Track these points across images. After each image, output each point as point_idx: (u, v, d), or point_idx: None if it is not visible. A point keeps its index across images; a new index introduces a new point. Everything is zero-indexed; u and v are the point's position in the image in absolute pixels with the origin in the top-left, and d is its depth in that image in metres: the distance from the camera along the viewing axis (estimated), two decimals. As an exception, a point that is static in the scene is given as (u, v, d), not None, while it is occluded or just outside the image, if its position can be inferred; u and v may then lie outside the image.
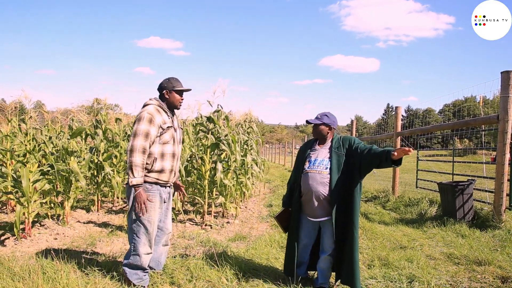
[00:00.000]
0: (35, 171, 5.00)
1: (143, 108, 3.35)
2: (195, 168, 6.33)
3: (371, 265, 4.17)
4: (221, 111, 6.30)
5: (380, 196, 8.79)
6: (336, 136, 3.44)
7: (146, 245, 3.33)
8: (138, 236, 3.29)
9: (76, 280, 3.29)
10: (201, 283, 3.43)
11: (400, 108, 9.24)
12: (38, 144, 5.50)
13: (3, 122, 6.44)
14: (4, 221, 5.92)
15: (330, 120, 3.43)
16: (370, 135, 20.08)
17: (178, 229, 5.80)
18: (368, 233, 5.56)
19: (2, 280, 3.16)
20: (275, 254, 4.37)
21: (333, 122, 3.44)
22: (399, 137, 8.92)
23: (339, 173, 3.26)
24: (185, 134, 6.81)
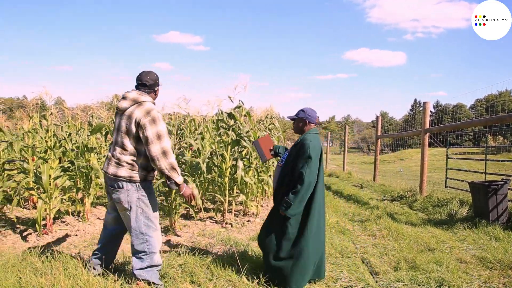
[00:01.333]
0: (55, 167, 5.05)
1: (143, 108, 3.14)
2: (216, 165, 6.26)
3: (397, 267, 4.01)
4: (242, 107, 6.20)
5: (406, 196, 8.51)
6: (307, 133, 3.49)
7: (159, 241, 3.33)
8: (150, 235, 3.24)
9: (97, 277, 3.29)
10: (221, 282, 3.37)
11: (428, 103, 8.91)
12: (58, 140, 5.56)
13: (25, 119, 6.56)
14: (27, 217, 6.02)
15: (305, 114, 3.52)
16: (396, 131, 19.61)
17: (198, 227, 5.75)
18: (394, 234, 5.36)
19: (25, 275, 3.19)
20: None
21: (308, 117, 3.51)
22: (427, 134, 8.61)
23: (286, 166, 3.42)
24: (205, 130, 6.75)
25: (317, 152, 3.32)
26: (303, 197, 3.25)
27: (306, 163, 3.24)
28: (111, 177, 3.17)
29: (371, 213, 6.93)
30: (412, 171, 17.24)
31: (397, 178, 12.72)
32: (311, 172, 3.24)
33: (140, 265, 3.24)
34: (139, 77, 3.30)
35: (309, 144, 3.29)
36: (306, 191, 3.25)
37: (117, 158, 3.17)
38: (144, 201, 3.21)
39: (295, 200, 3.22)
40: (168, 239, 5.12)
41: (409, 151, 30.24)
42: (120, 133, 3.19)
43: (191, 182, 5.26)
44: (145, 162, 3.20)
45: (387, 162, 27.85)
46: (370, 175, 12.94)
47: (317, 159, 3.31)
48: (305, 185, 3.22)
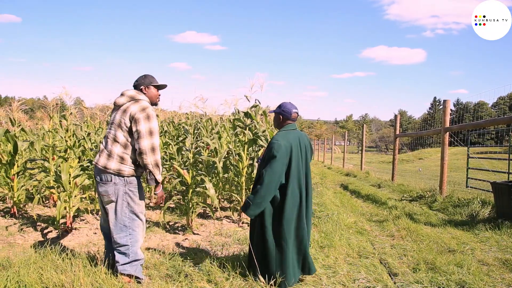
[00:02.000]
0: (75, 166, 5.15)
1: (139, 104, 3.26)
2: (232, 165, 6.27)
3: (416, 269, 3.93)
4: (258, 106, 6.18)
5: (426, 196, 8.35)
6: (280, 131, 3.45)
7: (142, 236, 3.41)
8: (134, 230, 3.32)
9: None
10: (238, 282, 3.36)
11: (448, 101, 8.72)
12: (78, 140, 5.66)
13: (46, 119, 6.69)
14: (47, 215, 6.16)
15: (280, 110, 3.47)
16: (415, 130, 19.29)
17: (215, 227, 5.77)
18: (413, 234, 5.27)
19: (47, 272, 3.25)
20: (314, 254, 4.22)
21: (283, 111, 3.45)
22: (447, 132, 8.43)
23: (260, 164, 3.40)
24: (221, 130, 6.76)
25: (284, 151, 3.19)
26: (264, 197, 3.16)
27: (269, 162, 3.17)
28: (101, 168, 3.25)
29: (389, 213, 6.83)
30: (432, 171, 16.92)
31: (416, 178, 12.51)
32: (273, 172, 3.14)
33: (124, 260, 3.29)
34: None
35: (274, 143, 3.22)
36: (266, 191, 3.15)
37: (109, 150, 3.26)
38: (130, 196, 3.28)
39: (254, 200, 3.18)
40: (185, 238, 5.15)
41: (428, 150, 29.69)
42: (114, 125, 3.30)
43: (208, 181, 5.28)
44: (135, 156, 3.27)
45: (406, 161, 27.41)
46: (388, 175, 12.76)
47: (282, 158, 3.18)
48: (264, 185, 3.14)
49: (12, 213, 6.05)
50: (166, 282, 3.36)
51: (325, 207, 7.11)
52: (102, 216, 3.53)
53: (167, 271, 3.61)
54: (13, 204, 6.06)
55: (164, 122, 8.27)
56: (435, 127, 12.66)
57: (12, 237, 5.03)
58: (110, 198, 3.25)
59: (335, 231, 5.22)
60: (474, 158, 10.10)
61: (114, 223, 3.28)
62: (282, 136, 3.31)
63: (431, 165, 21.93)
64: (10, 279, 3.10)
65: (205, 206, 5.72)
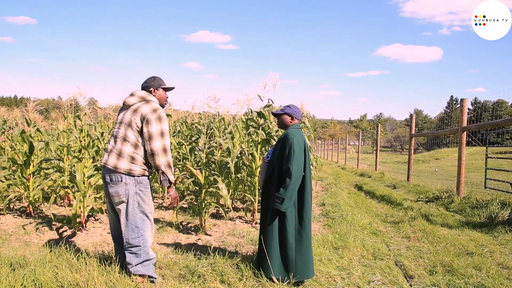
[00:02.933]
0: (89, 166, 5.19)
1: (151, 105, 3.28)
2: (245, 165, 6.25)
3: (433, 271, 3.86)
4: (271, 106, 6.15)
5: (442, 197, 8.19)
6: (290, 128, 3.60)
7: (151, 236, 3.42)
8: (145, 230, 3.32)
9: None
10: (251, 282, 3.35)
11: (466, 100, 8.54)
12: (92, 140, 5.70)
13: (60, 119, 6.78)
14: (62, 214, 6.23)
15: (292, 110, 3.64)
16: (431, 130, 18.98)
17: (228, 227, 5.76)
18: (429, 236, 5.17)
19: (62, 271, 3.28)
20: (328, 255, 4.18)
21: (294, 112, 3.64)
22: (465, 132, 8.25)
23: (272, 161, 3.52)
24: (234, 129, 6.75)
25: (301, 146, 3.41)
26: (293, 190, 3.35)
27: (292, 157, 3.34)
28: (111, 169, 3.25)
29: (405, 214, 6.72)
30: (449, 171, 16.63)
31: (432, 178, 12.30)
32: (297, 165, 3.34)
33: (136, 260, 3.29)
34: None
35: (293, 139, 3.40)
36: (294, 184, 3.34)
37: (119, 149, 3.26)
38: (141, 196, 3.28)
39: (286, 194, 3.31)
40: (198, 238, 5.15)
41: (445, 150, 29.23)
42: (123, 125, 3.30)
43: (221, 181, 5.27)
44: (146, 156, 3.28)
45: (422, 161, 27.02)
46: (404, 175, 12.58)
47: (301, 152, 3.40)
48: (293, 179, 3.32)
49: (28, 212, 6.14)
50: (180, 282, 3.36)
51: (339, 207, 7.04)
52: (110, 218, 3.53)
53: (180, 271, 3.61)
54: (29, 204, 6.15)
55: (177, 122, 8.30)
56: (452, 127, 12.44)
57: (28, 236, 5.10)
58: (121, 199, 3.25)
59: (350, 232, 5.16)
60: (493, 158, 9.87)
61: (125, 224, 3.28)
62: (296, 132, 3.51)
63: (448, 166, 21.57)
64: (27, 278, 3.14)
65: (218, 206, 5.71)
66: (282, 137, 3.54)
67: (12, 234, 5.20)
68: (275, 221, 3.45)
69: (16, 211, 6.47)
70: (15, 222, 5.75)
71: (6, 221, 5.76)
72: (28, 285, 3.06)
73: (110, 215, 3.49)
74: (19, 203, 7.09)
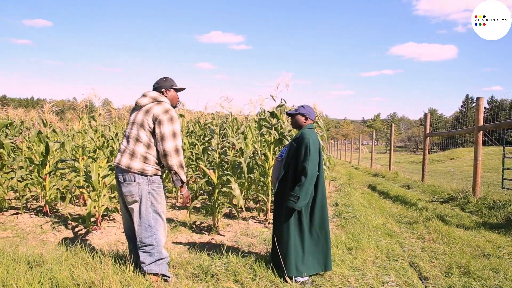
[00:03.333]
0: (104, 166, 5.26)
1: (162, 106, 3.31)
2: (258, 165, 6.25)
3: (448, 273, 3.80)
4: (284, 106, 6.14)
5: (458, 197, 8.07)
6: (305, 128, 3.65)
7: (164, 235, 3.45)
8: (158, 229, 3.35)
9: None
10: (264, 283, 3.35)
11: (482, 99, 8.39)
12: (106, 140, 5.78)
13: (75, 120, 6.88)
14: (77, 214, 6.32)
15: (306, 110, 3.70)
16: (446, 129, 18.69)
17: (241, 227, 5.77)
18: (444, 237, 5.10)
19: (77, 269, 3.33)
20: (342, 255, 4.15)
21: (309, 113, 3.70)
22: (481, 131, 8.11)
23: (286, 161, 3.57)
24: (247, 130, 6.75)
25: (316, 146, 3.47)
26: (308, 188, 3.39)
27: (308, 156, 3.39)
28: (124, 169, 3.28)
29: (420, 214, 6.64)
30: (464, 171, 16.37)
31: (448, 179, 12.12)
32: (313, 164, 3.40)
33: (150, 259, 3.32)
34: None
35: (309, 138, 3.45)
36: (310, 183, 3.39)
37: (132, 150, 3.29)
38: (153, 195, 3.31)
39: (301, 193, 3.35)
40: (211, 238, 5.17)
41: (460, 150, 28.76)
42: (135, 125, 3.33)
43: (233, 181, 5.28)
44: (158, 156, 3.32)
45: (437, 161, 26.64)
46: (418, 175, 12.43)
47: (316, 152, 3.45)
48: (308, 177, 3.37)
49: (45, 211, 6.25)
50: (193, 282, 3.38)
51: (353, 208, 6.99)
52: (124, 218, 3.57)
53: (194, 271, 3.63)
54: (45, 203, 6.26)
55: (190, 122, 8.33)
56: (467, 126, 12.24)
57: (45, 235, 5.19)
58: (134, 198, 3.29)
59: (363, 233, 5.12)
60: (510, 158, 9.68)
61: (138, 223, 3.32)
62: (310, 133, 3.55)
63: (463, 166, 21.23)
64: (44, 276, 3.20)
65: (231, 206, 5.73)
66: (297, 137, 3.57)
67: (30, 232, 5.30)
68: (289, 220, 3.46)
69: (33, 210, 6.59)
70: (32, 221, 5.86)
71: (24, 220, 5.88)
72: (45, 282, 3.12)
73: (124, 215, 3.53)
74: (36, 202, 7.22)
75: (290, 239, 3.45)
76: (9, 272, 3.21)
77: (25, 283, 3.01)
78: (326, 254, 3.55)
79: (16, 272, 3.20)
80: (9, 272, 3.21)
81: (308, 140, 3.44)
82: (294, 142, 3.58)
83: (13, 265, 3.42)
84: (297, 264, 3.43)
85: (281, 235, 3.50)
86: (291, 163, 3.52)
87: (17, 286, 2.95)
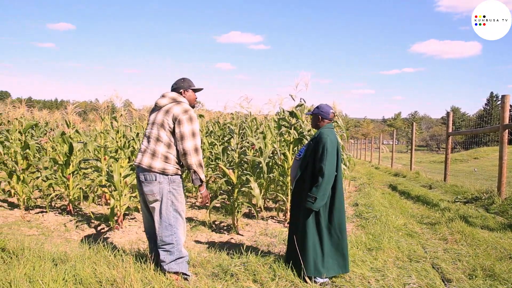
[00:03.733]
0: (125, 166, 5.35)
1: (182, 106, 3.37)
2: (278, 165, 6.24)
3: (472, 275, 3.70)
4: (304, 105, 6.11)
5: (482, 198, 7.86)
6: (323, 128, 3.63)
7: (184, 234, 3.48)
8: (178, 228, 3.39)
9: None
10: (283, 283, 3.35)
11: (508, 96, 8.14)
12: (127, 140, 5.87)
13: (97, 121, 7.02)
14: (100, 213, 6.45)
15: (319, 111, 3.70)
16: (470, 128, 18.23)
17: (260, 226, 5.77)
18: (468, 238, 4.98)
19: (100, 267, 3.40)
20: (362, 256, 4.11)
21: (323, 113, 3.68)
22: (507, 130, 7.89)
23: (304, 160, 3.55)
24: (266, 129, 6.75)
25: (334, 146, 3.45)
26: (326, 189, 3.38)
27: (325, 156, 3.38)
28: (145, 168, 3.33)
29: (442, 215, 6.50)
30: (488, 171, 15.95)
31: (471, 179, 11.83)
32: (331, 165, 3.39)
33: (170, 258, 3.36)
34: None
35: (326, 138, 3.44)
36: (327, 184, 3.38)
37: (153, 149, 3.34)
38: (174, 194, 3.36)
39: (318, 193, 3.35)
40: (231, 237, 5.20)
41: (484, 149, 28.00)
42: (156, 125, 3.38)
43: (253, 181, 5.29)
44: (178, 155, 3.36)
45: (459, 161, 26.02)
46: (440, 175, 12.17)
47: (334, 152, 3.44)
48: (325, 178, 3.36)
49: (68, 210, 6.40)
50: (213, 281, 3.40)
51: (373, 208, 6.91)
52: (144, 217, 3.62)
53: (214, 270, 3.65)
54: (69, 202, 6.41)
55: (209, 122, 8.38)
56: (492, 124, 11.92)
57: (69, 233, 5.32)
58: (155, 197, 3.34)
59: (384, 233, 5.05)
60: (537, 157, 9.37)
61: (159, 222, 3.36)
62: (328, 132, 3.53)
63: (488, 165, 20.68)
64: (68, 273, 3.28)
65: (250, 206, 5.74)
66: (315, 136, 3.56)
67: (54, 231, 5.44)
68: (307, 220, 3.45)
69: (57, 209, 6.76)
70: (57, 219, 6.01)
71: (49, 219, 6.03)
72: (69, 280, 3.19)
73: (144, 214, 3.59)
74: (60, 201, 7.40)
75: (309, 239, 3.44)
76: (35, 269, 3.30)
77: (50, 280, 3.09)
78: (344, 255, 3.53)
79: (42, 269, 3.30)
80: (35, 269, 3.30)
81: (325, 140, 3.43)
82: (312, 142, 3.58)
83: (39, 262, 3.51)
84: (317, 264, 3.41)
85: (299, 235, 3.48)
86: (308, 162, 3.51)
87: (43, 283, 3.03)
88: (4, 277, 3.15)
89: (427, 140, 73.25)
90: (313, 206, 3.36)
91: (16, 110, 7.47)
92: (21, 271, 3.23)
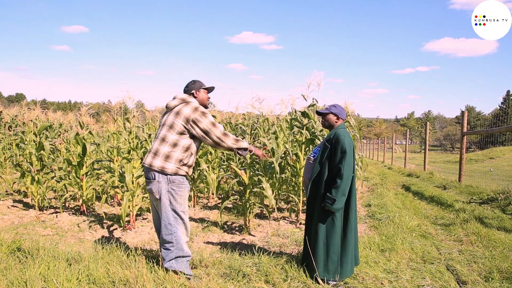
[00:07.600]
0: (137, 167, 5.39)
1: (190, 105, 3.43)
2: (290, 165, 6.22)
3: (488, 278, 3.63)
4: (316, 105, 6.08)
5: (498, 198, 7.72)
6: (337, 128, 3.60)
7: (185, 234, 3.50)
8: (177, 227, 3.42)
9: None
10: (296, 284, 3.34)
11: (524, 96, 8.00)
12: (140, 141, 5.91)
13: (110, 122, 7.10)
14: (112, 213, 6.51)
15: (337, 110, 3.65)
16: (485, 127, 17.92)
17: (272, 227, 5.76)
18: (483, 240, 4.88)
19: (113, 267, 3.43)
20: (375, 257, 4.06)
21: (340, 112, 3.65)
22: (523, 130, 7.74)
23: (320, 161, 3.49)
24: (278, 130, 6.74)
25: (351, 147, 3.42)
26: (344, 190, 3.35)
27: (343, 157, 3.35)
28: (147, 167, 3.40)
29: (457, 216, 6.40)
30: (505, 171, 15.66)
31: (487, 179, 11.63)
32: (348, 166, 3.36)
33: (169, 256, 3.40)
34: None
35: (344, 139, 3.40)
36: (346, 185, 3.35)
37: (156, 149, 3.40)
38: (172, 194, 3.38)
39: (337, 195, 3.32)
40: (242, 238, 5.19)
41: (500, 149, 27.49)
42: (165, 126, 3.43)
43: (265, 181, 5.28)
44: (181, 154, 3.38)
45: (475, 161, 25.58)
46: (455, 175, 11.99)
47: (351, 153, 3.41)
48: (344, 179, 3.33)
49: (82, 210, 6.48)
50: (225, 281, 3.40)
51: (386, 209, 6.83)
52: (154, 215, 3.68)
53: (226, 270, 3.66)
54: (83, 202, 6.48)
55: (221, 123, 8.40)
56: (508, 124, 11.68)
57: (82, 233, 5.38)
58: (155, 196, 3.41)
59: (397, 234, 4.99)
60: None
61: (161, 221, 3.44)
62: (344, 133, 3.50)
63: (504, 165, 20.31)
64: (81, 273, 3.32)
65: (262, 207, 5.73)
66: (330, 137, 3.51)
67: (68, 231, 5.51)
68: (322, 221, 3.43)
69: (71, 209, 6.84)
70: (70, 219, 6.08)
71: (62, 219, 6.11)
72: (83, 279, 3.23)
73: (154, 213, 3.66)
74: (74, 202, 7.49)
75: (324, 241, 3.42)
76: (50, 268, 3.35)
77: (64, 280, 3.13)
78: (355, 257, 3.54)
79: (56, 269, 3.34)
80: (49, 268, 3.35)
81: (343, 141, 3.40)
82: (327, 142, 3.52)
83: (53, 261, 3.56)
84: (330, 266, 3.39)
85: (314, 237, 3.46)
86: (324, 164, 3.47)
87: (57, 282, 3.07)
88: (20, 276, 3.20)
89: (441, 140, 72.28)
90: (332, 207, 3.34)
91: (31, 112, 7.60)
92: (36, 271, 3.28)
